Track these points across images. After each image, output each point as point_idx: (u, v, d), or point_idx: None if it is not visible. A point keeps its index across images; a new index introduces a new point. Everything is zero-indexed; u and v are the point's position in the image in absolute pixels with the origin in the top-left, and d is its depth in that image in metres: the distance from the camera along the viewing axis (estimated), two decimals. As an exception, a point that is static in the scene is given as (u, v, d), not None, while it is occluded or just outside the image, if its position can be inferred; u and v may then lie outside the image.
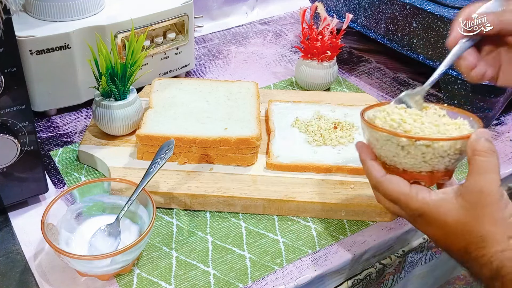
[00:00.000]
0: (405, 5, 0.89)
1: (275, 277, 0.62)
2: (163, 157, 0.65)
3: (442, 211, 0.52)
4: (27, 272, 0.62)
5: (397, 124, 0.57)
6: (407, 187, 0.55)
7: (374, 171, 0.57)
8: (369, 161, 0.58)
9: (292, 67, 1.06)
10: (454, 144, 0.54)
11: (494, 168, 0.51)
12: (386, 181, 0.56)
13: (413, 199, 0.54)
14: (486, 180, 0.50)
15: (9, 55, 0.57)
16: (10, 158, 0.62)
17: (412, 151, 0.54)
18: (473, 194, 0.51)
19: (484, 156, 0.52)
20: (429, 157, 0.54)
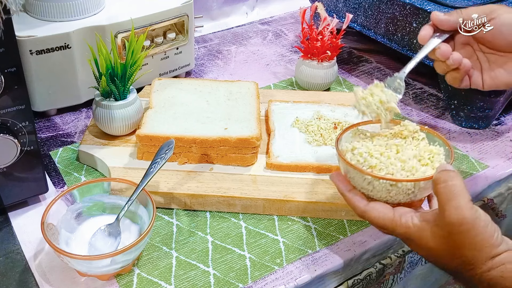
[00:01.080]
0: (405, 5, 0.89)
1: (275, 277, 0.62)
2: (163, 157, 0.65)
3: (424, 236, 0.53)
4: (27, 272, 0.62)
5: (363, 159, 0.58)
6: (391, 212, 0.55)
7: (356, 202, 0.58)
8: (347, 192, 0.59)
9: (292, 67, 1.06)
10: (417, 184, 0.55)
11: (457, 191, 0.51)
12: (369, 210, 0.57)
13: (397, 225, 0.54)
14: (452, 208, 0.50)
15: (9, 55, 0.57)
16: (10, 158, 0.62)
17: (377, 187, 0.56)
18: (445, 225, 0.51)
19: (443, 182, 0.52)
20: (393, 193, 0.56)
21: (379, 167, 0.57)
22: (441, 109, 0.94)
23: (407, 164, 0.58)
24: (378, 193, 0.57)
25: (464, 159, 0.82)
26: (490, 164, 0.81)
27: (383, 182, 0.55)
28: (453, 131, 0.89)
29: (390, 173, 0.57)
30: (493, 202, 0.80)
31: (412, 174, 0.57)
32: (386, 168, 0.57)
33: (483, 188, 0.78)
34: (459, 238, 0.50)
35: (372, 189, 0.57)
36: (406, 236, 0.54)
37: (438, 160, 0.59)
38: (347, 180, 0.60)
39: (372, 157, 0.58)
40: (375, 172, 0.57)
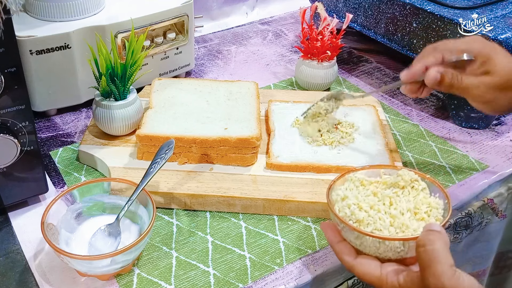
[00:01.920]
0: (405, 5, 0.89)
1: (275, 277, 0.62)
2: (163, 157, 0.65)
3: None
4: (27, 272, 0.62)
5: (350, 212, 0.56)
6: (377, 270, 0.54)
7: (344, 255, 0.56)
8: (336, 244, 0.57)
9: (292, 67, 1.06)
10: (406, 243, 0.53)
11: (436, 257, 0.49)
12: (357, 265, 0.55)
13: (383, 283, 0.53)
14: (431, 275, 0.48)
15: (9, 55, 0.57)
16: (10, 158, 0.62)
17: (364, 243, 0.54)
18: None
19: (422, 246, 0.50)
20: (382, 250, 0.54)
21: (366, 221, 0.55)
22: (441, 109, 0.94)
23: (397, 220, 0.55)
24: (366, 248, 0.55)
25: (464, 159, 0.82)
26: (490, 164, 0.81)
27: (370, 238, 0.53)
28: (453, 131, 0.89)
29: (378, 229, 0.55)
30: (493, 202, 0.80)
31: (402, 231, 0.54)
32: (374, 223, 0.55)
33: (483, 188, 0.78)
34: None
35: (360, 244, 0.55)
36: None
37: (435, 215, 0.56)
38: (337, 231, 0.57)
39: (361, 210, 0.56)
40: (362, 227, 0.55)
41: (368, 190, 0.59)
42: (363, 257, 0.55)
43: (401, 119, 0.91)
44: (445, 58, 0.66)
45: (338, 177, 0.62)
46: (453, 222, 0.76)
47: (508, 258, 0.95)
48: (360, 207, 0.56)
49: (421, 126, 0.89)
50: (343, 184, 0.61)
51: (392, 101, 0.96)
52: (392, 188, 0.59)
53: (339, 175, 0.62)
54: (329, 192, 0.60)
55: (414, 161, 0.81)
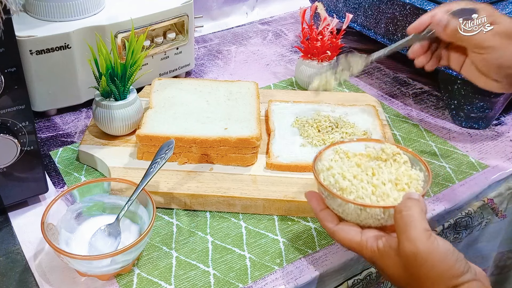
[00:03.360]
0: (405, 5, 0.89)
1: (275, 277, 0.62)
2: (163, 157, 0.65)
3: (387, 263, 0.53)
4: (27, 272, 0.62)
5: (334, 180, 0.58)
6: (358, 235, 0.55)
7: (326, 221, 0.58)
8: (319, 211, 0.59)
9: (292, 67, 1.06)
10: (387, 210, 0.55)
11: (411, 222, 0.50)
12: (338, 231, 0.57)
13: (363, 248, 0.54)
14: (406, 241, 0.50)
15: (9, 55, 0.57)
16: (10, 158, 0.62)
17: (346, 210, 0.56)
18: (402, 256, 0.50)
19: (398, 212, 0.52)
20: (363, 217, 0.56)
21: (349, 189, 0.57)
22: (441, 109, 0.94)
23: (379, 189, 0.57)
24: (348, 215, 0.56)
25: (464, 159, 0.82)
26: (490, 164, 0.81)
27: (352, 205, 0.55)
28: (453, 131, 0.89)
29: (360, 197, 0.56)
30: (493, 202, 0.80)
31: (382, 200, 0.56)
32: (357, 192, 0.56)
33: (483, 188, 0.78)
34: (416, 271, 0.50)
35: (342, 211, 0.57)
36: (371, 260, 0.54)
37: (415, 186, 0.58)
38: (321, 199, 0.59)
39: (344, 179, 0.58)
40: (345, 195, 0.56)
41: (352, 162, 0.61)
42: (345, 224, 0.57)
43: (401, 119, 0.91)
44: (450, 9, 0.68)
45: (325, 148, 0.63)
46: (453, 222, 0.76)
47: (508, 258, 0.95)
48: (344, 177, 0.58)
49: (421, 126, 0.89)
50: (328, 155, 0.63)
51: (392, 101, 0.96)
52: (375, 161, 0.61)
53: (325, 146, 0.64)
54: (315, 162, 0.61)
55: (414, 161, 0.81)
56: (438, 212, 0.73)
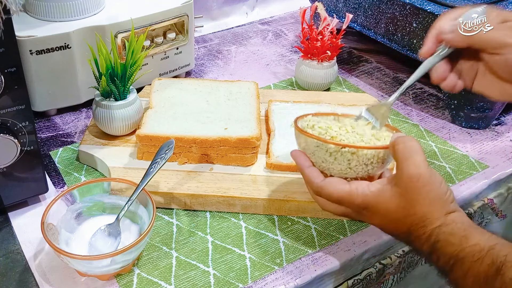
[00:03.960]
0: (405, 5, 0.89)
1: (275, 277, 0.62)
2: (163, 157, 0.65)
3: (382, 200, 0.54)
4: (27, 272, 0.62)
5: (324, 131, 0.60)
6: (347, 185, 0.57)
7: (313, 177, 0.58)
8: (306, 168, 0.59)
9: (292, 67, 1.06)
10: (377, 153, 0.57)
11: (415, 150, 0.54)
12: (326, 184, 0.57)
13: (354, 195, 0.56)
14: (411, 165, 0.53)
15: (9, 55, 0.57)
16: (10, 158, 0.62)
17: (338, 157, 0.57)
18: (403, 181, 0.53)
19: (401, 143, 0.54)
20: (353, 164, 0.57)
21: (339, 138, 0.59)
22: (441, 109, 0.94)
23: (365, 137, 0.59)
24: (338, 165, 0.58)
25: (464, 159, 0.82)
26: (490, 164, 0.81)
27: (345, 150, 0.56)
28: (453, 131, 0.89)
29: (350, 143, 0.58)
30: (493, 202, 0.80)
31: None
32: (347, 139, 0.59)
33: (483, 188, 0.78)
34: (416, 192, 0.52)
35: (333, 161, 0.57)
36: (363, 205, 0.56)
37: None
38: (306, 157, 0.60)
39: (331, 130, 0.60)
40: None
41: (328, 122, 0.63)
42: (332, 178, 0.58)
43: (401, 119, 0.91)
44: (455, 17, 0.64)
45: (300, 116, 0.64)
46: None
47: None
48: (331, 127, 0.60)
49: (421, 126, 0.89)
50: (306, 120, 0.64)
51: (392, 101, 0.96)
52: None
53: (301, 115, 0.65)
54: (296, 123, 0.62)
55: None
56: (438, 212, 0.73)
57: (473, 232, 0.51)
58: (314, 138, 0.58)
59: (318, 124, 0.61)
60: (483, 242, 0.50)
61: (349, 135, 0.60)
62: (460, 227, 0.51)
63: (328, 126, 0.61)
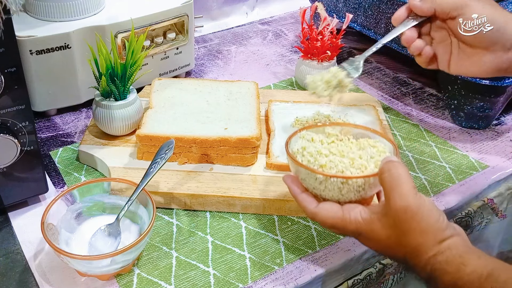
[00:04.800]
0: (405, 5, 0.89)
1: (275, 277, 0.62)
2: (163, 157, 0.65)
3: (374, 228, 0.54)
4: (27, 272, 0.62)
5: (313, 159, 0.59)
6: (340, 211, 0.56)
7: (306, 203, 0.58)
8: (299, 194, 0.59)
9: (292, 67, 1.06)
10: (367, 180, 0.56)
11: (402, 179, 0.52)
12: (320, 210, 0.57)
13: (347, 222, 0.55)
14: (397, 196, 0.51)
15: (9, 55, 0.57)
16: (10, 158, 0.62)
17: (328, 186, 0.57)
18: (392, 213, 0.52)
19: (386, 171, 0.53)
20: (345, 191, 0.57)
21: (329, 165, 0.58)
22: (441, 109, 0.94)
23: (356, 161, 0.59)
24: (329, 192, 0.57)
25: (464, 159, 0.82)
26: (490, 164, 0.81)
27: (334, 180, 0.56)
28: (453, 131, 0.89)
29: (340, 171, 0.58)
30: (493, 202, 0.80)
31: (361, 172, 0.58)
32: (336, 166, 0.58)
33: (483, 188, 0.78)
34: (405, 225, 0.51)
35: (324, 189, 0.57)
36: (357, 232, 0.55)
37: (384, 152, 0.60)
38: (299, 182, 0.60)
39: (321, 156, 0.59)
40: (325, 171, 0.57)
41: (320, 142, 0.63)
42: (325, 203, 0.57)
43: (401, 119, 0.91)
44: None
45: (291, 135, 0.64)
46: (453, 222, 0.76)
47: (508, 258, 0.95)
48: (321, 153, 0.60)
49: (421, 126, 0.89)
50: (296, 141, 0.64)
51: (392, 101, 0.96)
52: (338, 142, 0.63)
53: (292, 133, 0.64)
54: (287, 148, 0.62)
55: (414, 161, 0.81)
56: (438, 212, 0.73)
57: (470, 258, 0.50)
58: (302, 167, 0.58)
59: (308, 150, 0.60)
60: (481, 268, 0.49)
61: (338, 160, 0.59)
62: (455, 253, 0.50)
63: (318, 151, 0.60)
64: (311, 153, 0.60)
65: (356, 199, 0.57)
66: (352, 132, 0.65)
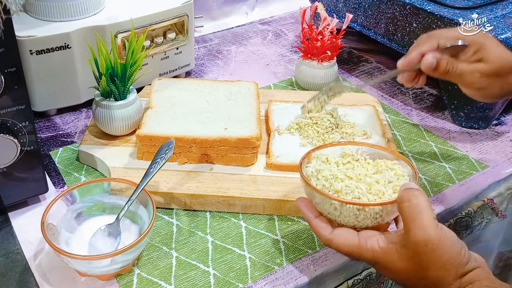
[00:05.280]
0: (405, 5, 0.89)
1: (275, 277, 0.62)
2: (163, 157, 0.65)
3: (391, 259, 0.52)
4: (27, 272, 0.62)
5: (328, 183, 0.57)
6: (356, 238, 0.54)
7: (321, 229, 0.56)
8: (313, 219, 0.57)
9: (292, 67, 1.06)
10: (385, 208, 0.54)
11: (422, 210, 0.50)
12: (334, 238, 0.55)
13: (363, 250, 0.53)
14: (418, 228, 0.49)
15: (9, 55, 0.57)
16: (10, 158, 0.62)
17: (344, 212, 0.55)
18: (411, 244, 0.50)
19: (406, 201, 0.51)
20: (361, 218, 0.55)
21: (345, 191, 0.56)
22: (441, 109, 0.94)
23: (373, 187, 0.56)
24: (345, 218, 0.55)
25: (464, 159, 0.82)
26: (490, 164, 0.81)
27: (350, 207, 0.54)
28: (453, 131, 0.89)
29: (356, 197, 0.55)
30: (493, 202, 0.80)
31: (379, 198, 0.56)
32: (352, 192, 0.56)
33: (483, 188, 0.78)
34: (426, 258, 0.49)
35: (339, 215, 0.55)
36: (374, 261, 0.53)
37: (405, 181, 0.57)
38: (313, 206, 0.58)
39: (337, 180, 0.57)
40: (341, 196, 0.55)
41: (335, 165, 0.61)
42: (340, 229, 0.56)
43: (401, 119, 0.91)
44: (440, 45, 0.67)
45: (305, 155, 0.62)
46: (453, 222, 0.76)
47: (509, 258, 0.95)
48: (336, 177, 0.57)
49: (421, 126, 0.89)
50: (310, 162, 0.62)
51: (392, 101, 0.96)
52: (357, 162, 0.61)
53: (305, 154, 0.63)
54: (301, 169, 0.60)
55: (414, 161, 0.81)
56: (438, 212, 0.73)
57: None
58: (317, 192, 0.55)
59: (323, 173, 0.58)
60: None
61: (354, 186, 0.56)
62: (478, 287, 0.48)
63: (333, 175, 0.57)
64: (326, 177, 0.57)
65: (373, 225, 0.55)
66: (369, 151, 0.62)
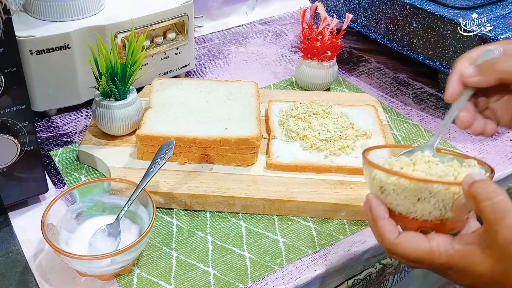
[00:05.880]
0: (405, 5, 0.89)
1: (275, 277, 0.62)
2: (163, 157, 0.65)
3: (472, 262, 0.47)
4: (27, 272, 0.62)
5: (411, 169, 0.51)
6: (426, 242, 0.49)
7: (387, 232, 0.50)
8: (382, 220, 0.51)
9: (292, 67, 1.06)
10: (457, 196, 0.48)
11: (507, 208, 0.45)
12: (401, 242, 0.50)
13: (436, 255, 0.48)
14: (507, 228, 0.45)
15: (9, 55, 0.57)
16: (10, 158, 0.62)
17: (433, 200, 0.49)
18: (499, 245, 0.45)
19: (489, 199, 0.46)
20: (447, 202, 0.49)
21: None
22: (441, 109, 0.94)
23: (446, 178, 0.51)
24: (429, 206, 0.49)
25: (464, 159, 0.82)
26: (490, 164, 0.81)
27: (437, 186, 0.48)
28: (453, 131, 0.89)
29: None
30: (493, 202, 0.80)
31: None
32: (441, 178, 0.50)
33: (483, 188, 0.78)
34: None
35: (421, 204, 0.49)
36: (448, 266, 0.48)
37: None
38: (385, 205, 0.52)
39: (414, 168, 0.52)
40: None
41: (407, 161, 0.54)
42: (407, 233, 0.50)
43: (401, 119, 0.91)
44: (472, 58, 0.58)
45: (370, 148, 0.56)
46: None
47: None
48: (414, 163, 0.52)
49: (421, 126, 0.89)
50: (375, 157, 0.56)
51: (392, 101, 0.96)
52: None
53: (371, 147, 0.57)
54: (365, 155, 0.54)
55: (414, 161, 0.81)
56: (438, 212, 0.73)
57: None
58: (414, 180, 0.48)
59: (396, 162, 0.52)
60: None
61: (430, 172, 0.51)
62: None
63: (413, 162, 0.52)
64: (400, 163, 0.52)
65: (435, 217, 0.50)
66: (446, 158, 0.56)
